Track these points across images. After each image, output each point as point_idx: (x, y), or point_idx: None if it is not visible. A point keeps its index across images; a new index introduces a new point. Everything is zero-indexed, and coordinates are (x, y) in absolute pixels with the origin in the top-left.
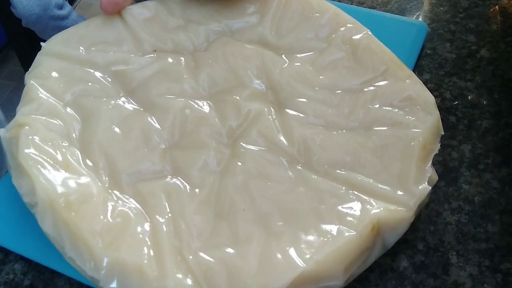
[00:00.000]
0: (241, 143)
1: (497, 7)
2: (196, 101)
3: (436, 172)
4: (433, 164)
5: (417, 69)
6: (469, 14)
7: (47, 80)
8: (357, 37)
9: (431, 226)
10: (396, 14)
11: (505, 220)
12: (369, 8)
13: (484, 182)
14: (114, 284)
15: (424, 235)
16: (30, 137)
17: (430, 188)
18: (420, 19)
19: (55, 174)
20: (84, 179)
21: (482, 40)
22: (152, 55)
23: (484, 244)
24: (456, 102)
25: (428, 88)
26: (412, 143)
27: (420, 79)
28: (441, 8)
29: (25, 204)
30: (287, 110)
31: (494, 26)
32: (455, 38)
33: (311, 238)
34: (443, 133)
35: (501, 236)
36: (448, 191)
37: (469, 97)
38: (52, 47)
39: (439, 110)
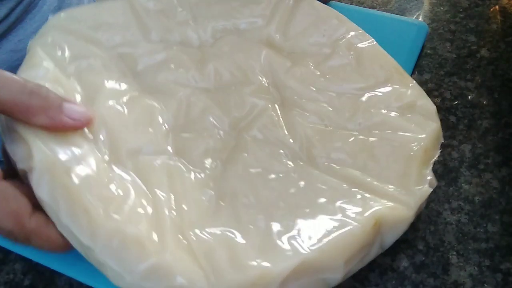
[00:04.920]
0: (245, 135)
1: (497, 7)
2: (201, 91)
3: (436, 172)
4: (433, 163)
5: (417, 69)
6: (469, 14)
7: (52, 49)
8: (361, 45)
9: (431, 226)
10: (396, 14)
11: (505, 220)
12: (369, 8)
13: (484, 182)
14: (110, 254)
15: (424, 235)
16: None
17: (431, 189)
18: (420, 19)
19: (54, 140)
20: (83, 150)
21: (482, 40)
22: (159, 44)
23: (484, 244)
24: (456, 102)
25: (428, 88)
26: (414, 149)
27: (420, 79)
28: (441, 8)
29: (19, 172)
30: (290, 109)
31: (494, 26)
32: (455, 38)
33: (314, 227)
34: (443, 141)
35: (501, 236)
36: (448, 191)
37: (469, 97)
38: (59, 21)
39: (439, 110)
